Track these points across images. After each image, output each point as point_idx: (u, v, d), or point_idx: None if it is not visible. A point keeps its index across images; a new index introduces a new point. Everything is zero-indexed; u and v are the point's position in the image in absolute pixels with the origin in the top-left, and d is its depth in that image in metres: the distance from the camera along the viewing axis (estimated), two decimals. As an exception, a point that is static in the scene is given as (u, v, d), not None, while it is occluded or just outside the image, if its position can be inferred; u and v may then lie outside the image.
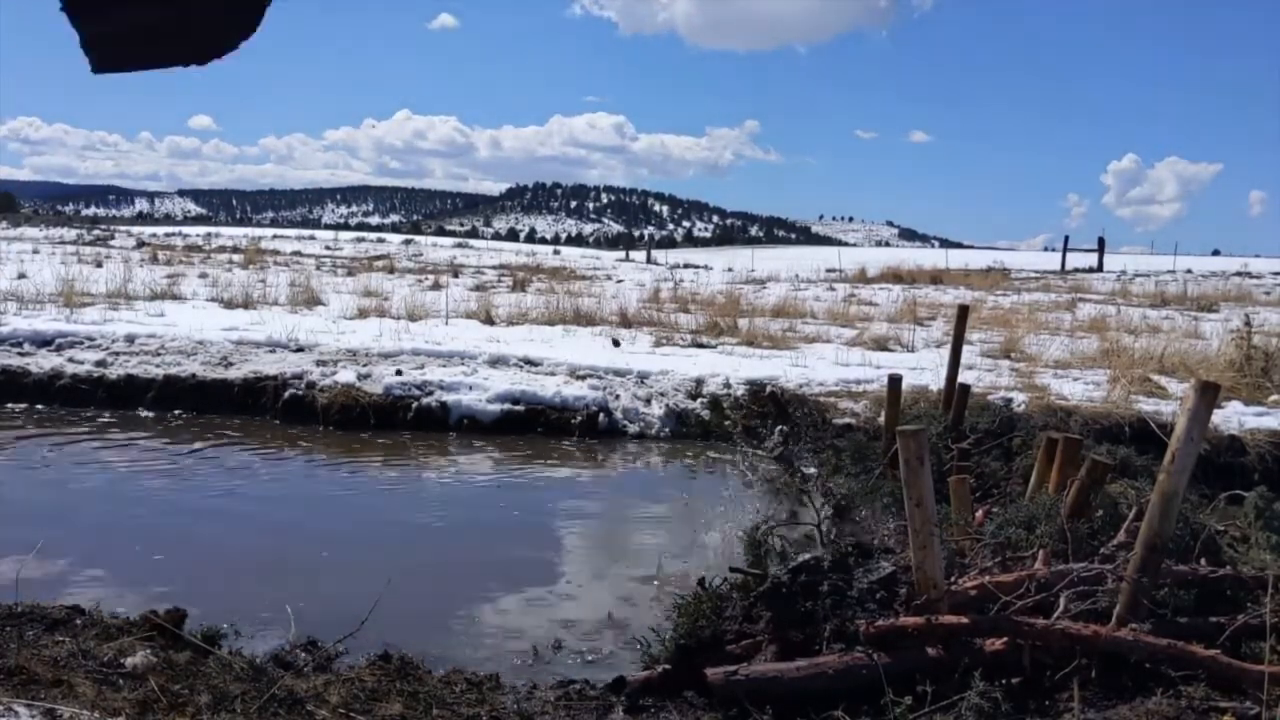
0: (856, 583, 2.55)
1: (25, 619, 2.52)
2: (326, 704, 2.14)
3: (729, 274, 23.01)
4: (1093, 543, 2.72)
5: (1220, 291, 16.65)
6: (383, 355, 6.70)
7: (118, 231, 34.35)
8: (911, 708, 2.13)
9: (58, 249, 19.36)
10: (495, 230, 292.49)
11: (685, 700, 2.40)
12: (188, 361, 6.50)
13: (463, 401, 5.97)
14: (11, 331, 6.77)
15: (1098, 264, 26.39)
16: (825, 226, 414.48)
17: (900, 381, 4.54)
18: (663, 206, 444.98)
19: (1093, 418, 5.62)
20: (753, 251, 44.20)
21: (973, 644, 2.34)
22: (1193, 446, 2.26)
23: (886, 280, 18.64)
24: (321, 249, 28.57)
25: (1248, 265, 30.04)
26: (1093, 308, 13.03)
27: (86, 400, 6.06)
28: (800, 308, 12.14)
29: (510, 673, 2.58)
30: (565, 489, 4.73)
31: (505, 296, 12.52)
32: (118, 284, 10.48)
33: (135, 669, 2.19)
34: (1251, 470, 5.13)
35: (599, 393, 6.16)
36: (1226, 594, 2.54)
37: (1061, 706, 2.18)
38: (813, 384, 6.39)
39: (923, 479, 2.33)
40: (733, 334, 9.10)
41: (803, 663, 2.36)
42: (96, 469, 4.69)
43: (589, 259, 32.05)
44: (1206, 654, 2.19)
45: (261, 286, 11.97)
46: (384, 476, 4.80)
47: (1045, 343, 8.81)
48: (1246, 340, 7.19)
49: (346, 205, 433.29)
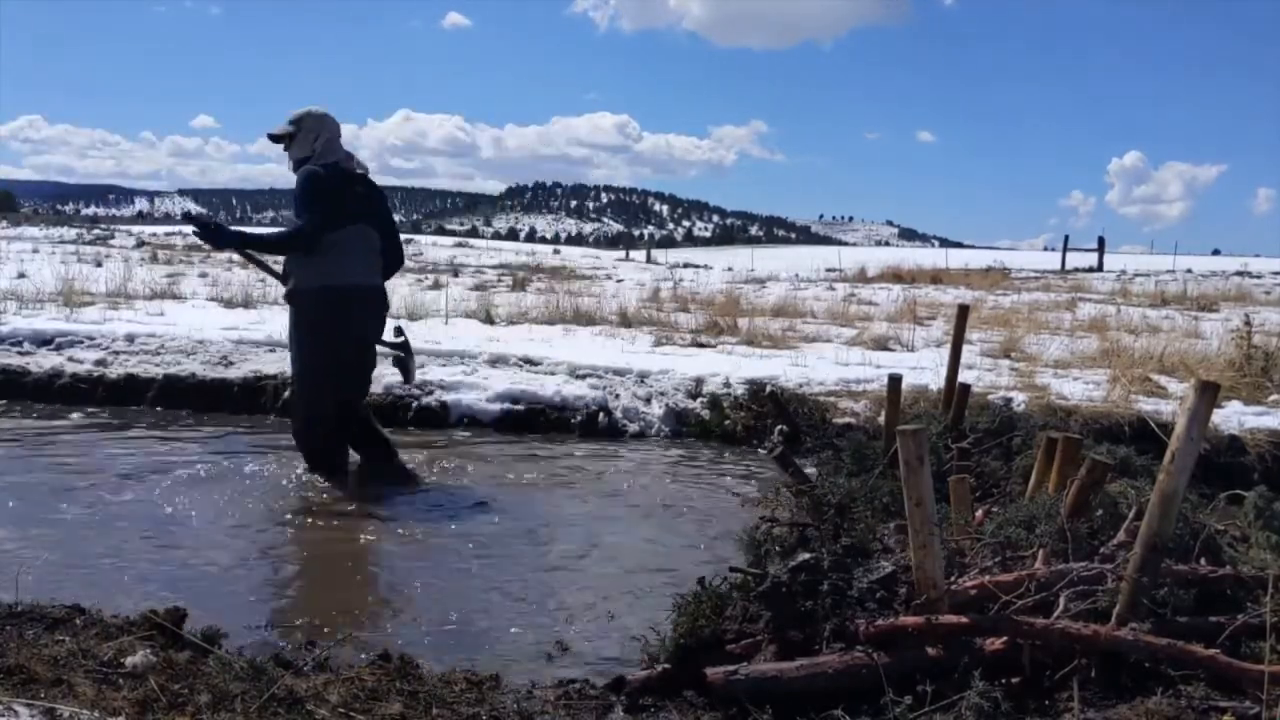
0: (856, 582, 2.55)
1: (25, 618, 2.52)
2: (326, 703, 2.14)
3: (729, 273, 23.02)
4: (1093, 542, 2.72)
5: (1220, 291, 16.65)
6: (382, 355, 6.69)
7: (118, 231, 34.37)
8: (911, 707, 2.13)
9: (58, 248, 19.36)
10: (495, 230, 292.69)
11: (685, 700, 2.40)
12: (188, 361, 6.50)
13: (463, 401, 5.98)
14: (11, 331, 6.77)
15: (1098, 264, 26.43)
16: (825, 226, 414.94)
17: (900, 381, 4.54)
18: (663, 206, 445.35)
19: (1093, 417, 5.63)
20: (753, 251, 44.24)
21: (973, 644, 2.34)
22: (1193, 446, 2.26)
23: (886, 280, 18.65)
24: (321, 248, 28.55)
25: (1248, 265, 30.09)
26: (1093, 307, 13.03)
27: (87, 399, 6.06)
28: (800, 307, 12.14)
29: (510, 672, 2.58)
30: (565, 488, 4.73)
31: (505, 296, 12.52)
32: (118, 283, 10.48)
33: (135, 668, 2.20)
34: (1251, 470, 5.13)
35: (599, 392, 6.16)
36: (1226, 594, 2.54)
37: (1061, 706, 2.19)
38: (813, 383, 6.39)
39: (922, 479, 2.33)
40: (732, 333, 9.10)
41: (803, 662, 2.36)
42: (97, 468, 4.69)
43: (589, 258, 32.07)
44: (1206, 654, 2.19)
45: (261, 286, 11.94)
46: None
47: (1045, 342, 8.81)
48: (1246, 340, 7.19)
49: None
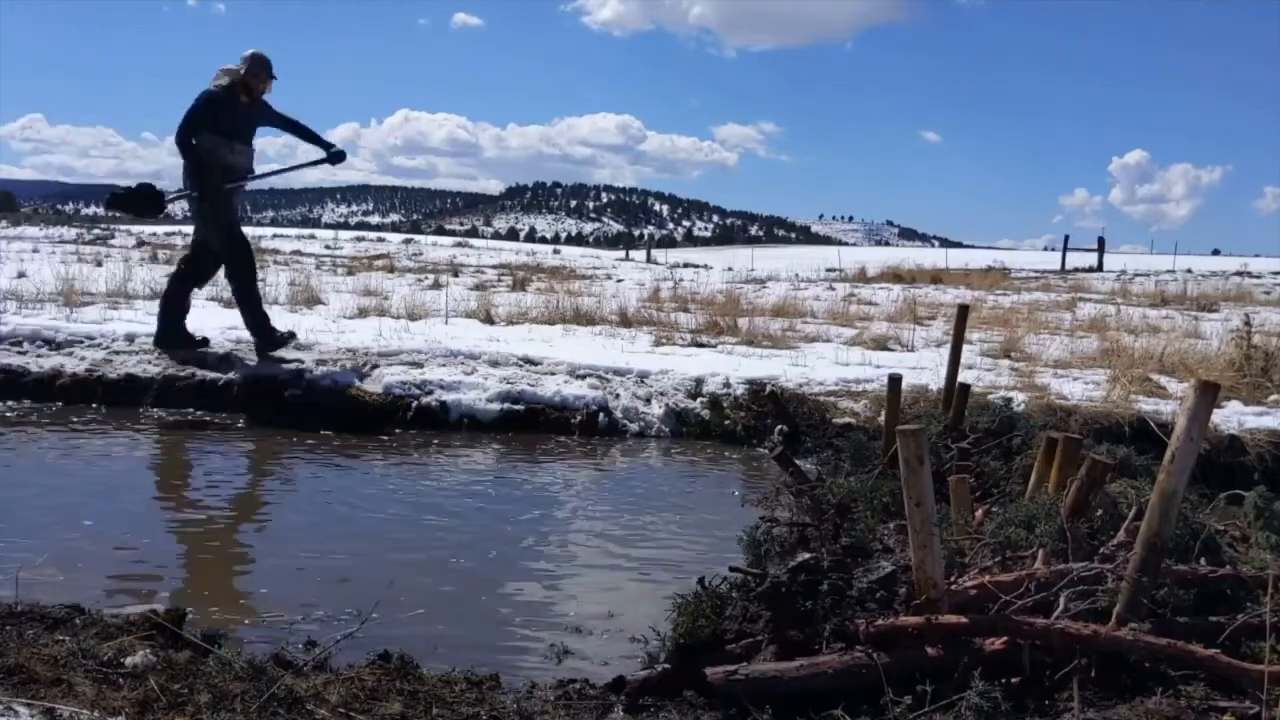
0: (856, 582, 2.55)
1: (25, 618, 2.52)
2: (326, 703, 2.14)
3: (729, 273, 23.02)
4: (1092, 542, 2.72)
5: (1220, 291, 16.65)
6: (382, 354, 6.69)
7: (117, 231, 34.34)
8: (911, 707, 2.13)
9: (57, 248, 19.33)
10: (495, 229, 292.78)
11: (685, 700, 2.40)
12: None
13: (463, 401, 5.97)
14: (11, 330, 6.76)
15: (1098, 264, 26.44)
16: (825, 226, 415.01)
17: (900, 381, 4.53)
18: (663, 206, 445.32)
19: (1093, 417, 5.63)
20: (753, 251, 44.24)
21: (972, 644, 2.34)
22: (1193, 446, 2.26)
23: (886, 280, 18.65)
24: (321, 248, 28.58)
25: (1248, 265, 30.10)
26: (1093, 307, 13.03)
27: (87, 399, 6.06)
28: (800, 307, 12.14)
29: (509, 672, 2.58)
30: (565, 488, 4.73)
31: (505, 296, 12.51)
32: (118, 283, 10.46)
33: (135, 668, 2.19)
34: (1251, 470, 5.13)
35: (599, 392, 6.16)
36: (1226, 594, 2.54)
37: (1061, 706, 2.19)
38: (813, 383, 6.39)
39: (922, 478, 2.33)
40: (732, 333, 9.09)
41: (802, 662, 2.36)
42: (96, 467, 4.69)
43: (589, 258, 32.07)
44: (1206, 654, 2.19)
45: (261, 285, 11.93)
46: (383, 475, 4.80)
47: (1045, 342, 8.81)
48: (1246, 340, 7.19)
49: (346, 204, 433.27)
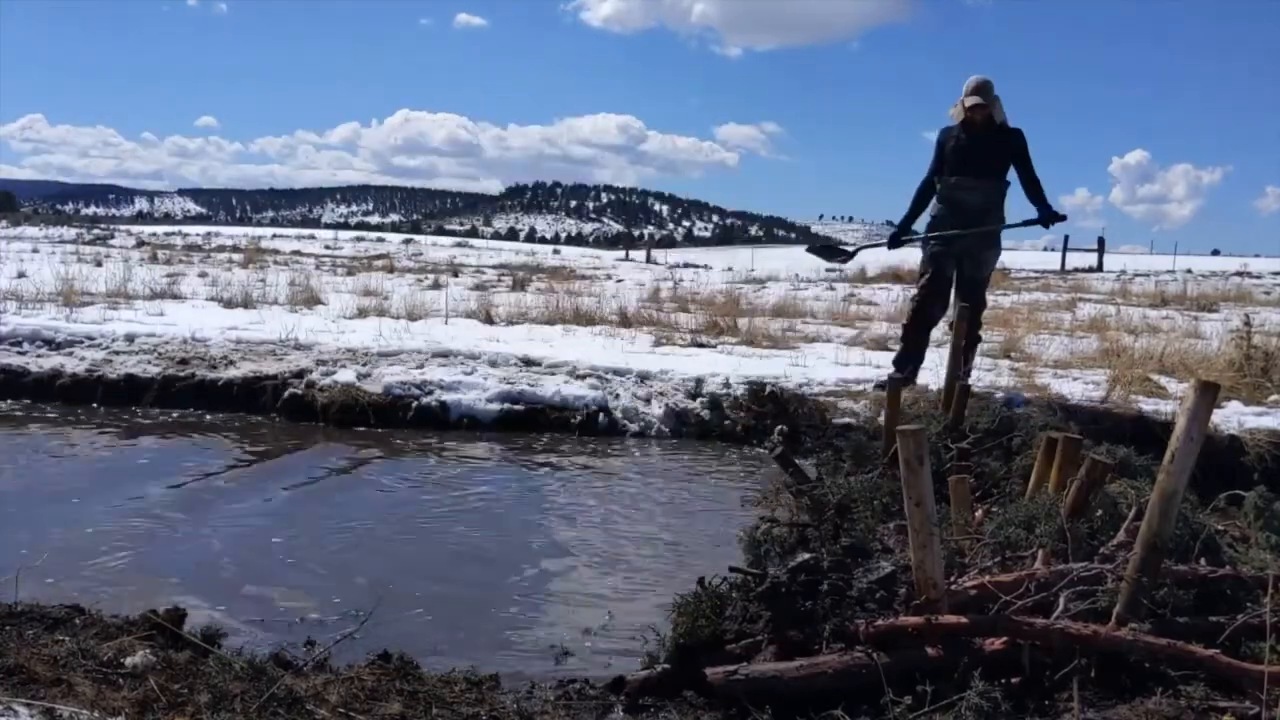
0: (856, 583, 2.55)
1: (25, 618, 2.52)
2: (326, 703, 2.14)
3: (729, 273, 23.01)
4: (1092, 542, 2.72)
5: (1220, 291, 16.63)
6: (383, 354, 6.70)
7: (117, 231, 34.36)
8: (911, 707, 2.13)
9: (57, 248, 19.35)
10: (495, 230, 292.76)
11: (685, 700, 2.40)
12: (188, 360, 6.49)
13: (462, 401, 5.97)
14: (11, 330, 6.76)
15: (1097, 264, 26.41)
16: (825, 226, 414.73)
17: (900, 381, 4.53)
18: (663, 206, 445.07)
19: (1092, 418, 5.62)
20: (752, 251, 44.19)
21: (972, 644, 2.34)
22: (1192, 446, 2.25)
23: (886, 280, 18.63)
24: (321, 248, 28.59)
25: (1247, 265, 30.08)
26: (1092, 307, 13.02)
27: (86, 399, 6.06)
28: (800, 307, 12.14)
29: (509, 672, 2.58)
30: (564, 488, 4.73)
31: (505, 296, 12.51)
32: (117, 283, 10.47)
33: (135, 668, 2.19)
34: (1251, 470, 5.12)
35: (599, 392, 6.16)
36: (1226, 594, 2.53)
37: (1061, 706, 2.18)
38: (813, 383, 6.39)
39: (922, 479, 2.33)
40: (733, 333, 9.09)
41: (802, 662, 2.36)
42: (95, 467, 4.69)
43: (589, 258, 32.05)
44: (1206, 654, 2.19)
45: (261, 286, 11.96)
46: (382, 475, 4.80)
47: (1045, 342, 8.80)
48: (1246, 340, 7.18)
49: (347, 205, 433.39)
